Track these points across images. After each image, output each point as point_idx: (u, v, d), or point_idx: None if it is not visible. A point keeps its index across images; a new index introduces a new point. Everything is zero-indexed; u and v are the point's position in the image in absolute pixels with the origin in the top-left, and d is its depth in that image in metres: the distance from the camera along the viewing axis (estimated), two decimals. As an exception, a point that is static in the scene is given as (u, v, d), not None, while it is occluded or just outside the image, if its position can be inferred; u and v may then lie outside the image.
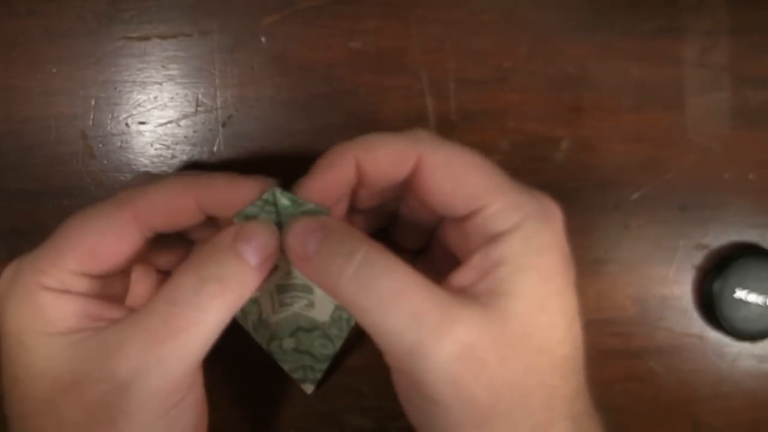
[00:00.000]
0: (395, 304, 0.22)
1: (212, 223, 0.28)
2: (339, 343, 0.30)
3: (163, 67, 0.33)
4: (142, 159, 0.33)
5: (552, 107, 0.34)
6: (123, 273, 0.27)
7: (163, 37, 0.33)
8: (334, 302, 0.29)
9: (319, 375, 0.31)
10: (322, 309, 0.29)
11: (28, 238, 0.26)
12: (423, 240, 0.31)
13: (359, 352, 0.34)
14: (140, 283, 0.29)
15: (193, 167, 0.33)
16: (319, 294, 0.29)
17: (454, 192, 0.24)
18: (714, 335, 0.35)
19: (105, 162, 0.33)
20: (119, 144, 0.33)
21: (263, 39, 0.33)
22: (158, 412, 0.23)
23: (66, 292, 0.24)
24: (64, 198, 0.33)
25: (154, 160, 0.33)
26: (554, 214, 0.24)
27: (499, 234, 0.23)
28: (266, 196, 0.25)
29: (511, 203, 0.24)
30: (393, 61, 0.33)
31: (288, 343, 0.30)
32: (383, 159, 0.25)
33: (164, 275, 0.30)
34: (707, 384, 0.35)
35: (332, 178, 0.25)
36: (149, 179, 0.28)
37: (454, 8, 0.34)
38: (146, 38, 0.33)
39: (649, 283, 0.35)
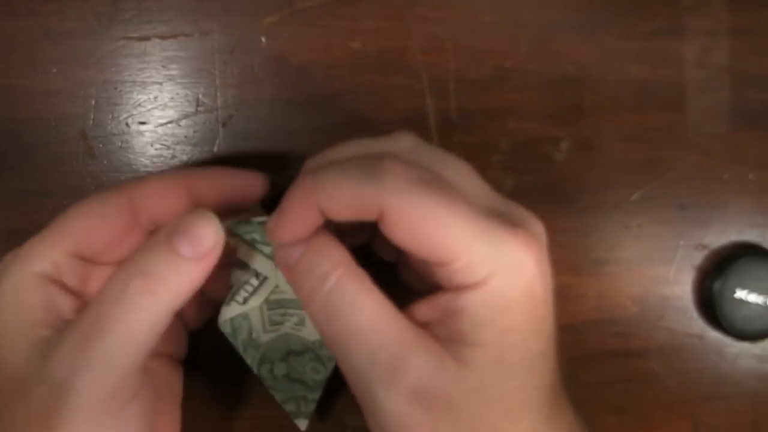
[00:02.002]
0: (354, 341, 0.23)
1: None
2: (331, 366, 0.29)
3: (163, 67, 0.33)
4: (142, 159, 0.33)
5: (552, 107, 0.34)
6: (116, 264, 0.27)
7: (163, 37, 0.33)
8: None
9: (312, 406, 0.30)
10: (312, 327, 0.29)
11: (28, 238, 0.26)
12: (396, 257, 0.30)
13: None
14: None
15: (194, 167, 0.33)
16: None
17: (416, 244, 0.23)
18: (714, 335, 0.35)
19: (105, 162, 0.33)
20: (119, 144, 0.33)
21: (263, 39, 0.33)
22: (95, 416, 0.22)
23: (53, 280, 0.24)
24: (64, 198, 0.33)
25: (155, 160, 0.33)
26: (526, 263, 0.23)
27: (463, 286, 0.23)
28: (260, 219, 0.25)
29: (477, 259, 0.23)
30: (393, 61, 0.33)
31: (279, 369, 0.30)
32: (345, 210, 0.24)
33: None
34: (707, 384, 0.35)
35: (295, 223, 0.24)
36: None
37: (454, 8, 0.34)
38: (146, 38, 0.33)
39: (649, 283, 0.35)
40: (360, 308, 0.23)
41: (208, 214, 0.24)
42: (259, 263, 0.28)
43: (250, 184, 0.28)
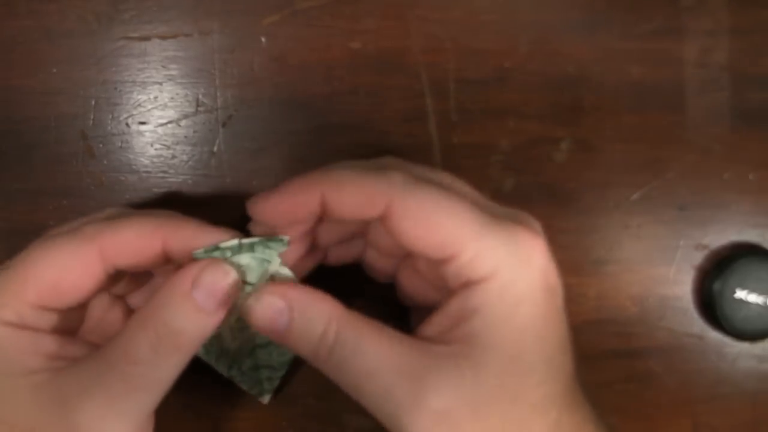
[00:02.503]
0: (368, 384, 0.23)
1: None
2: None
3: (163, 67, 0.33)
4: (142, 159, 0.33)
5: (552, 107, 0.34)
6: (80, 306, 0.27)
7: (163, 38, 0.33)
8: None
9: (276, 383, 0.31)
10: None
11: (28, 238, 0.26)
12: (391, 272, 0.30)
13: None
14: (92, 308, 0.29)
15: (193, 168, 0.33)
16: None
17: (425, 239, 0.23)
18: (714, 335, 0.35)
19: (105, 162, 0.33)
20: (119, 144, 0.33)
21: (263, 39, 0.33)
22: None
23: (24, 327, 0.24)
24: (64, 198, 0.33)
25: (155, 160, 0.33)
26: (532, 255, 0.24)
27: (473, 282, 0.23)
28: (229, 244, 0.25)
29: (485, 249, 0.23)
30: (393, 61, 0.33)
31: (246, 364, 0.30)
32: (351, 200, 0.24)
33: (118, 299, 0.30)
34: (707, 384, 0.35)
35: (291, 203, 0.25)
36: (120, 213, 0.27)
37: (454, 8, 0.34)
38: (146, 38, 0.33)
39: (649, 283, 0.35)
40: (364, 353, 0.23)
41: (227, 268, 0.25)
42: None
43: (222, 238, 0.26)
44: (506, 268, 0.23)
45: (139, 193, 0.33)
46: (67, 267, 0.24)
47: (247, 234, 0.26)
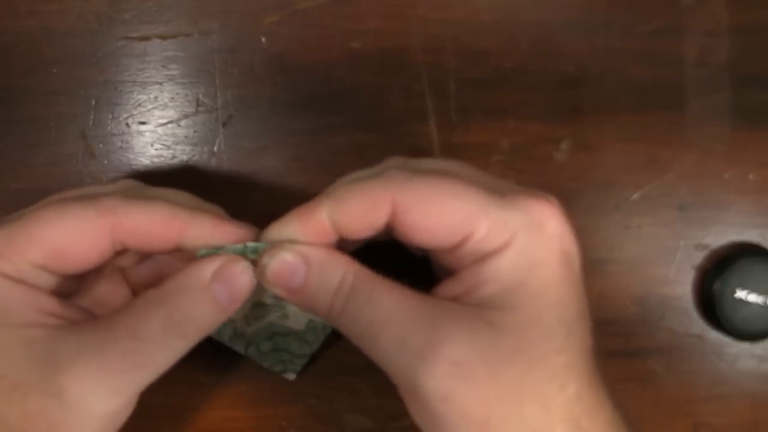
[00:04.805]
0: (381, 333, 0.23)
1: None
2: (317, 345, 0.30)
3: (163, 67, 0.33)
4: (142, 159, 0.33)
5: (552, 107, 0.34)
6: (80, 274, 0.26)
7: (163, 37, 0.33)
8: (309, 316, 0.29)
9: (299, 367, 0.31)
10: (296, 319, 0.29)
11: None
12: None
13: (359, 352, 0.34)
14: (95, 278, 0.28)
15: (193, 168, 0.33)
16: (292, 309, 0.28)
17: (435, 227, 0.23)
18: (714, 335, 0.35)
19: (105, 162, 0.33)
20: (119, 144, 0.33)
21: (263, 39, 0.33)
22: (96, 431, 0.23)
23: (21, 281, 0.24)
24: (65, 198, 0.33)
25: (155, 160, 0.33)
26: (547, 222, 0.23)
27: (488, 254, 0.23)
28: (233, 248, 0.25)
29: (496, 222, 0.23)
30: (393, 61, 0.33)
31: (266, 346, 0.30)
32: (356, 210, 0.24)
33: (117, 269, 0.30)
34: (707, 384, 0.35)
35: (300, 232, 0.24)
36: (136, 188, 0.27)
37: (455, 8, 0.34)
38: (147, 38, 0.33)
39: (649, 283, 0.35)
40: (379, 301, 0.23)
41: (245, 264, 0.25)
42: None
43: (239, 234, 0.26)
44: (520, 236, 0.23)
45: (139, 193, 0.33)
46: (76, 235, 0.24)
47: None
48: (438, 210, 0.23)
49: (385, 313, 0.23)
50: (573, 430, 0.23)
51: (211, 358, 0.33)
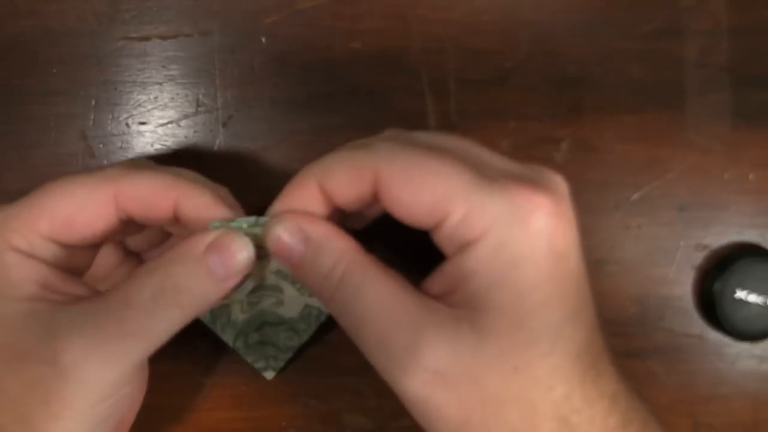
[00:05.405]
0: (364, 330, 0.23)
1: None
2: (305, 337, 0.30)
3: (163, 67, 0.33)
4: (142, 159, 0.33)
5: (552, 107, 0.34)
6: (90, 247, 0.27)
7: (163, 38, 0.33)
8: (305, 301, 0.29)
9: (281, 363, 0.31)
10: (291, 307, 0.29)
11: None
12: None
13: (359, 352, 0.34)
14: (104, 257, 0.29)
15: (193, 168, 0.33)
16: (289, 294, 0.29)
17: (413, 203, 0.23)
18: (714, 335, 0.35)
19: (105, 162, 0.33)
20: (119, 144, 0.33)
21: (263, 39, 0.33)
22: (93, 402, 0.23)
23: (31, 255, 0.24)
24: (65, 198, 0.33)
25: (155, 160, 0.33)
26: (533, 215, 0.22)
27: (467, 243, 0.22)
28: (246, 219, 0.25)
29: (474, 206, 0.22)
30: (393, 61, 0.33)
31: (253, 338, 0.30)
32: (342, 179, 0.24)
33: (131, 253, 0.30)
34: (707, 384, 0.35)
35: (296, 201, 0.25)
36: (144, 164, 0.28)
37: (455, 8, 0.34)
38: (147, 38, 0.33)
39: (649, 284, 0.35)
40: (364, 297, 0.23)
41: (244, 239, 0.25)
42: None
43: (237, 207, 0.27)
44: (498, 226, 0.21)
45: (139, 193, 0.33)
46: (81, 203, 0.25)
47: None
48: (415, 185, 0.22)
49: (369, 310, 0.23)
50: (561, 427, 0.22)
51: (211, 359, 0.33)
